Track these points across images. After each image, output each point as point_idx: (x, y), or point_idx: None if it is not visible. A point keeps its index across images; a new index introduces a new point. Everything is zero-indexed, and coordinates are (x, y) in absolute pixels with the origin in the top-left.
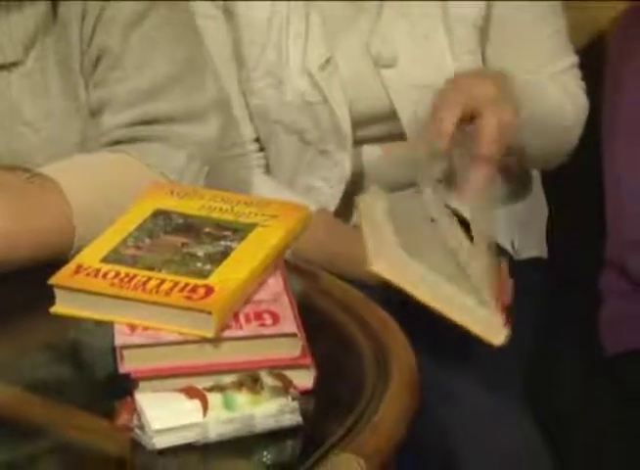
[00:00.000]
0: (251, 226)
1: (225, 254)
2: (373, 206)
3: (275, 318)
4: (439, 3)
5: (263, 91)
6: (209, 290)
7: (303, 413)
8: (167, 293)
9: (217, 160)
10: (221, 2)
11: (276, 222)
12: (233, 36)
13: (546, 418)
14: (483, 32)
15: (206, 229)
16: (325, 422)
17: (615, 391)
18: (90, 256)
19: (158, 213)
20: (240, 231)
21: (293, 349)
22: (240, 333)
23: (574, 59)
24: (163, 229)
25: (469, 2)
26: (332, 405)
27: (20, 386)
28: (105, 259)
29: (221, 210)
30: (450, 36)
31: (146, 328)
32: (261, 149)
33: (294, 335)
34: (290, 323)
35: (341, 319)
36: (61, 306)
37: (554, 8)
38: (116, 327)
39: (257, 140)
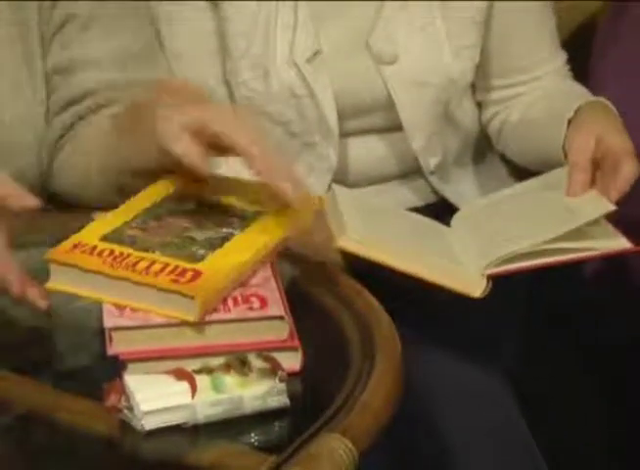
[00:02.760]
0: (256, 215)
1: (225, 240)
2: (335, 199)
3: (263, 302)
4: None
5: (249, 83)
6: (197, 274)
7: (291, 395)
8: (156, 274)
9: None
10: None
11: (283, 212)
12: (219, 27)
13: (527, 396)
14: (484, 28)
15: (215, 215)
16: (312, 404)
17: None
18: (90, 233)
19: (169, 197)
20: (245, 219)
21: (280, 331)
22: (228, 316)
23: (565, 55)
24: (170, 212)
25: None
26: (319, 387)
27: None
28: (104, 238)
29: (236, 196)
30: (449, 30)
31: (135, 310)
32: None
33: (281, 318)
34: (277, 306)
35: (327, 302)
36: (54, 282)
37: (549, 6)
38: (105, 308)
39: None
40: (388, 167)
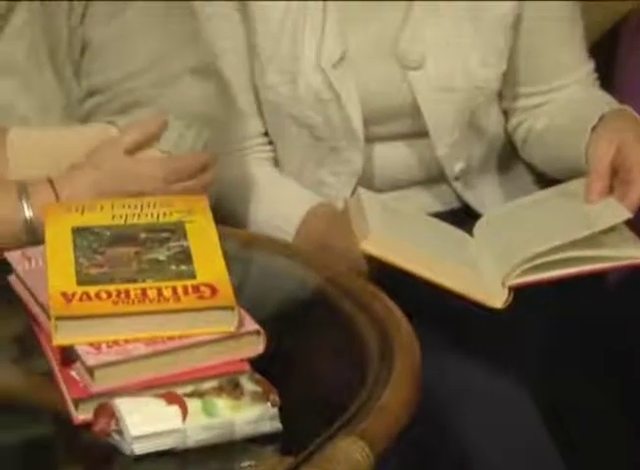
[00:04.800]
0: (181, 224)
1: (186, 253)
2: (360, 203)
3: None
4: (469, 4)
5: (276, 86)
6: (212, 287)
7: (308, 398)
8: (176, 299)
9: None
10: None
11: (198, 216)
12: (247, 30)
13: (548, 404)
14: (513, 36)
15: (142, 235)
16: (330, 407)
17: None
18: (62, 283)
19: (78, 231)
20: (176, 230)
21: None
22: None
23: (592, 64)
24: (102, 243)
25: (497, 4)
26: (336, 391)
27: None
28: (82, 283)
29: (134, 215)
30: (476, 37)
31: (111, 345)
32: (270, 142)
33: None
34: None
35: (345, 307)
36: (65, 338)
37: (578, 14)
38: (79, 349)
39: (266, 134)
40: (412, 173)
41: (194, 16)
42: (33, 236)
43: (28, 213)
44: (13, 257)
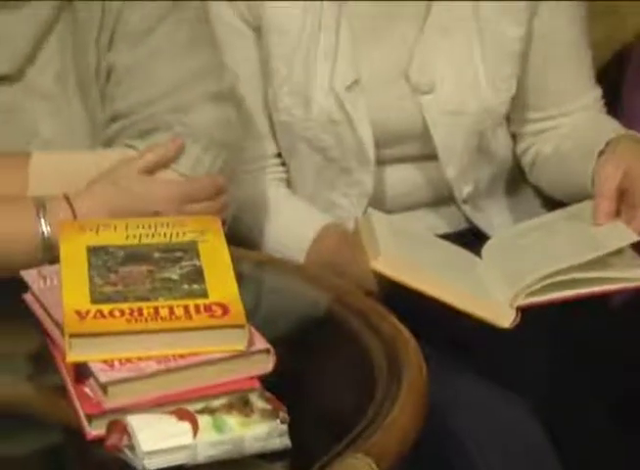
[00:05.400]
0: (193, 244)
1: (199, 272)
2: (371, 223)
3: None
4: (477, 29)
5: (289, 108)
6: (224, 306)
7: (316, 415)
8: (188, 317)
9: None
10: (251, 18)
11: (210, 236)
12: (261, 52)
13: (558, 427)
14: (522, 61)
15: (155, 254)
16: (337, 425)
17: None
18: (77, 301)
19: (93, 250)
20: (189, 250)
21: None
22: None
23: (600, 90)
24: (117, 262)
25: (507, 28)
26: (344, 409)
27: None
28: (95, 301)
29: (148, 235)
30: (486, 61)
31: (124, 362)
32: (283, 163)
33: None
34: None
35: (354, 326)
36: (77, 354)
37: (586, 40)
38: (93, 365)
39: (279, 155)
40: (421, 195)
41: (216, 43)
42: (50, 253)
43: (46, 230)
44: (29, 275)
